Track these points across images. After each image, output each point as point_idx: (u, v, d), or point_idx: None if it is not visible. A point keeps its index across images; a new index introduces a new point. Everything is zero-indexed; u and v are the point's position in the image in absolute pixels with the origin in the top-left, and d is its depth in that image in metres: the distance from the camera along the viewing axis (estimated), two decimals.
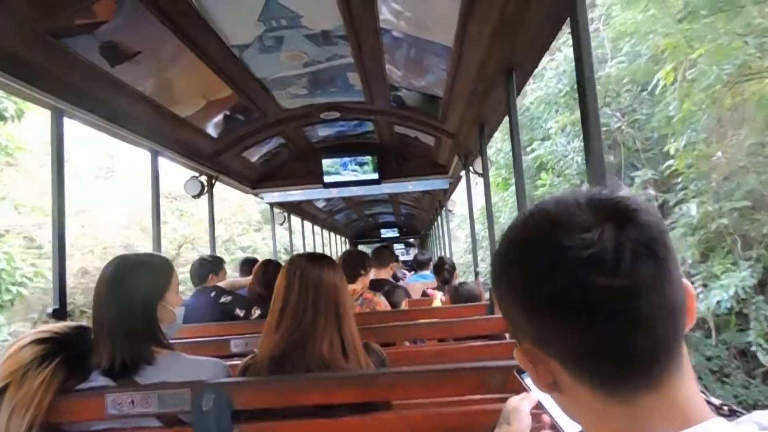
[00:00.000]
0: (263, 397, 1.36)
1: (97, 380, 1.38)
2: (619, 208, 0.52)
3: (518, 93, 2.61)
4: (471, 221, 4.65)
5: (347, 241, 14.53)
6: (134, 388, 1.35)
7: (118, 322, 1.40)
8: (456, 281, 4.85)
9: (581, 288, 0.50)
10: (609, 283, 0.49)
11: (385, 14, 2.50)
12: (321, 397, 1.34)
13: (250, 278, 3.43)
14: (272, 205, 6.47)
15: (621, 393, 0.52)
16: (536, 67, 2.56)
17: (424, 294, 4.43)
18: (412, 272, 6.81)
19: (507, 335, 2.76)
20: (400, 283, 5.05)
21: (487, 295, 3.29)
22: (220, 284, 3.32)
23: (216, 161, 4.17)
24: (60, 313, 2.24)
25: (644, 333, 0.50)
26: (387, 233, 14.41)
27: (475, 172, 4.28)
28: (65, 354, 1.37)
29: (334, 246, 13.06)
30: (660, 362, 0.51)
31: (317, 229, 10.58)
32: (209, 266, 3.47)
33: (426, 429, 1.33)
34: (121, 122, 2.82)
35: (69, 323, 1.49)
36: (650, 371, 0.52)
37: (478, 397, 1.52)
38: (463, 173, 4.80)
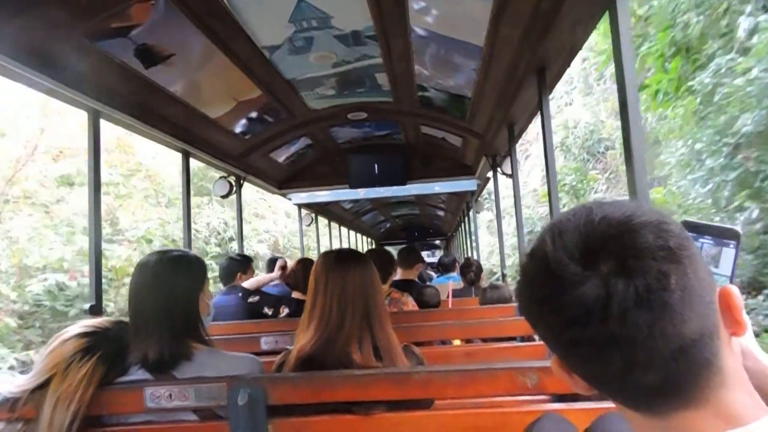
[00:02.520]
0: (298, 393, 1.36)
1: (136, 374, 1.41)
2: (618, 247, 0.50)
3: (550, 92, 2.58)
4: (498, 222, 4.61)
5: (373, 242, 14.56)
6: (172, 381, 1.38)
7: (161, 316, 1.42)
8: (482, 283, 4.82)
9: (577, 331, 0.50)
10: (598, 333, 0.49)
11: (415, 14, 2.50)
12: (355, 394, 1.34)
13: (272, 275, 3.47)
14: (300, 206, 6.52)
15: (653, 412, 0.52)
16: (569, 65, 2.53)
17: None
18: (438, 274, 6.80)
19: (537, 337, 2.74)
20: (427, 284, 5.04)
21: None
22: (244, 284, 3.36)
23: (244, 162, 4.22)
24: (96, 309, 2.29)
25: (646, 372, 0.49)
26: (413, 235, 14.40)
27: (503, 173, 4.25)
28: (106, 348, 1.40)
29: (361, 247, 13.09)
30: (680, 392, 0.50)
31: (344, 230, 10.62)
32: (237, 265, 3.51)
33: (460, 428, 1.32)
34: (154, 123, 2.88)
35: (109, 318, 1.52)
36: (676, 396, 0.51)
37: (509, 398, 1.51)
38: (490, 174, 4.76)
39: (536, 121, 3.26)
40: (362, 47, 2.91)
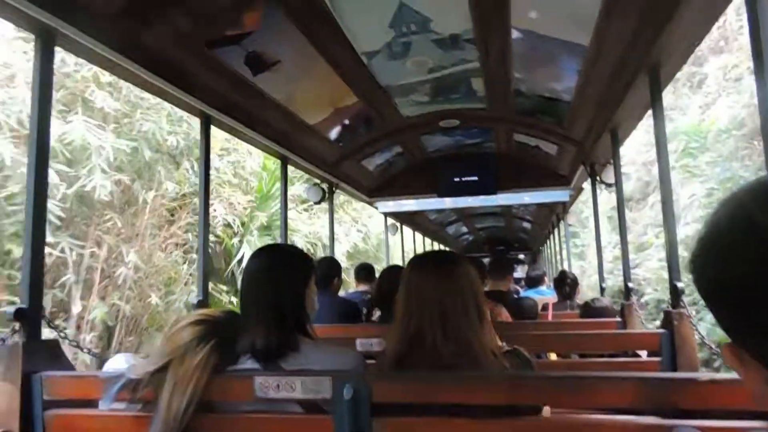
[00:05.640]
0: (404, 392, 1.34)
1: (246, 363, 1.45)
2: None
3: (662, 92, 2.42)
4: (597, 234, 4.38)
5: None
6: (280, 372, 1.40)
7: (270, 306, 1.46)
8: (578, 297, 4.60)
9: None
10: None
11: (516, 15, 2.44)
12: (463, 397, 1.29)
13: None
14: (386, 214, 6.57)
15: None
16: (686, 62, 2.35)
17: (544, 308, 4.23)
18: (525, 288, 6.58)
19: (643, 353, 2.55)
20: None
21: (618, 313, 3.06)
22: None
23: (337, 169, 4.31)
24: (203, 304, 2.40)
25: None
26: (497, 248, 14.07)
27: (603, 182, 4.03)
28: (218, 337, 1.44)
29: None
30: None
31: (428, 241, 10.58)
32: (336, 269, 3.54)
33: None
34: (258, 128, 3.00)
35: (221, 309, 1.58)
36: None
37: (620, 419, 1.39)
38: (585, 184, 4.55)
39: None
40: (459, 51, 2.89)
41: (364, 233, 11.57)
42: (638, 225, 11.51)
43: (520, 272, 13.16)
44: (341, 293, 3.57)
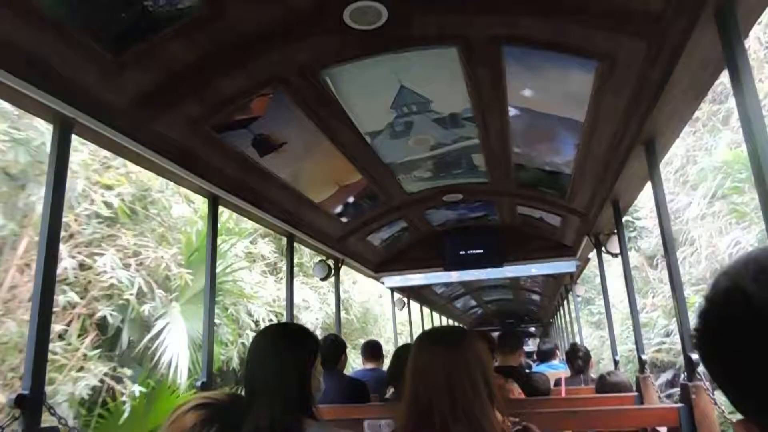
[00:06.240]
0: None
1: None
2: None
3: (659, 164, 2.47)
4: (606, 304, 4.32)
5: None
6: None
7: (275, 387, 1.43)
8: (591, 371, 4.47)
9: None
10: None
11: (513, 94, 2.54)
12: None
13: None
14: (392, 289, 6.53)
15: None
16: (679, 135, 2.42)
17: (557, 384, 4.10)
18: (537, 362, 6.40)
19: (662, 429, 2.45)
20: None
21: (635, 386, 2.96)
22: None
23: (342, 245, 4.33)
24: (207, 386, 2.35)
25: None
26: (507, 321, 13.81)
27: (609, 253, 4.03)
28: (222, 420, 1.41)
29: None
30: None
31: (435, 315, 10.42)
32: (342, 346, 3.48)
33: None
34: (264, 207, 3.06)
35: (225, 391, 1.55)
36: None
37: None
38: (592, 255, 4.54)
39: None
40: (460, 129, 2.99)
41: (344, 300, 10.01)
42: (668, 285, 10.12)
43: (531, 345, 12.83)
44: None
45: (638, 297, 9.10)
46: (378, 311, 12.14)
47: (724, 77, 1.62)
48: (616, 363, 4.07)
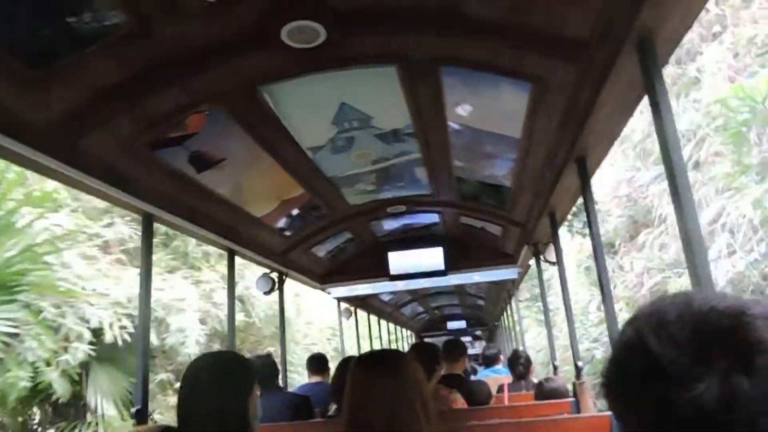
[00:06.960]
0: None
1: None
2: (736, 341, 0.45)
3: (590, 179, 2.58)
4: (545, 312, 4.46)
5: (413, 334, 14.24)
6: None
7: (212, 419, 1.39)
8: (532, 375, 4.59)
9: None
10: None
11: (451, 111, 2.59)
12: None
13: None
14: (339, 299, 6.50)
15: None
16: (608, 153, 2.54)
17: (500, 390, 4.20)
18: (482, 366, 6.53)
19: None
20: (472, 378, 4.83)
21: (571, 391, 3.07)
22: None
23: (286, 258, 4.28)
24: (142, 413, 2.25)
25: None
26: (454, 326, 14.03)
27: (547, 261, 4.17)
28: None
29: (401, 341, 12.80)
30: None
31: (383, 323, 10.45)
32: (276, 366, 3.43)
33: None
34: (202, 224, 2.98)
35: (156, 425, 1.49)
36: None
37: None
38: (532, 262, 4.68)
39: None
40: (401, 144, 3.01)
41: (242, 297, 8.57)
42: (631, 272, 9.25)
43: (478, 348, 13.12)
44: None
45: (594, 288, 8.92)
46: (293, 314, 11.20)
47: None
48: (555, 368, 4.21)
